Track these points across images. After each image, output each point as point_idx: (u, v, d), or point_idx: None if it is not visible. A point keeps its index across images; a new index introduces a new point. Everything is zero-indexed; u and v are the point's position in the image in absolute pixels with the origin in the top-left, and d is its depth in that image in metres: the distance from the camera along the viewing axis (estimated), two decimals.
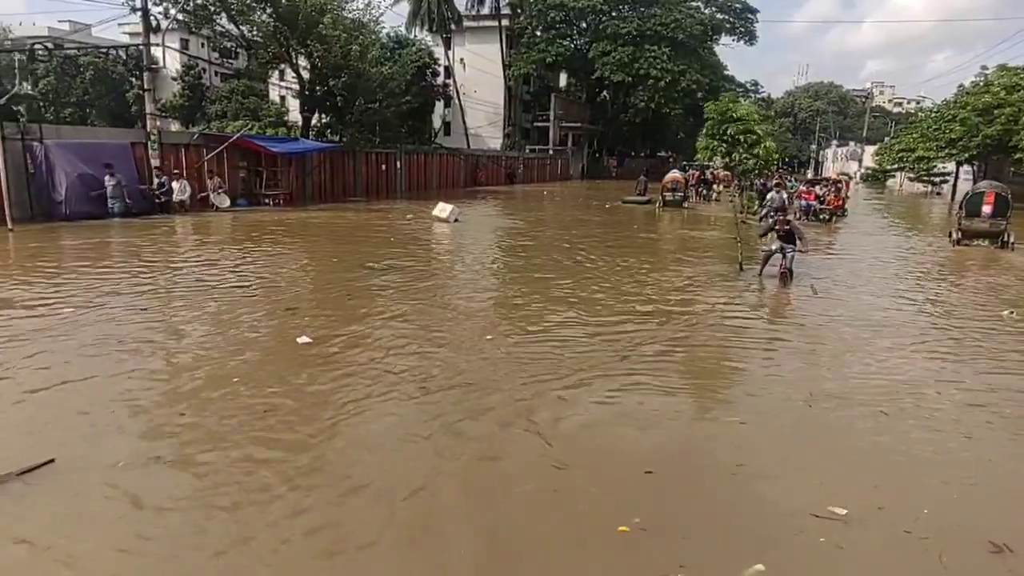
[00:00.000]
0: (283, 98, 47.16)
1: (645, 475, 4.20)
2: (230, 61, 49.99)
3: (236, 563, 3.23)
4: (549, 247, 14.32)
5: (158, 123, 19.63)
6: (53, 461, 4.01)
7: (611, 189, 37.11)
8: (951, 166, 37.13)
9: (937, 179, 41.71)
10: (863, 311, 8.96)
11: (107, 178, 16.40)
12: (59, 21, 57.65)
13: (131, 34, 45.77)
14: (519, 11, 50.17)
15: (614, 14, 47.79)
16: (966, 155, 30.64)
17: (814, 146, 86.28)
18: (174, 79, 51.06)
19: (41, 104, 49.10)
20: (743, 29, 52.90)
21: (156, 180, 17.99)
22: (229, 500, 3.73)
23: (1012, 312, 8.92)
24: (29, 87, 48.06)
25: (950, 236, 16.61)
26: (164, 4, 20.62)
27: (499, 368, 6.12)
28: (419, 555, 3.35)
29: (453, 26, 49.39)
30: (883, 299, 9.83)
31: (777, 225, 10.34)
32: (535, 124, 55.20)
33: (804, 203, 21.45)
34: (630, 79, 46.48)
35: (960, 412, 5.45)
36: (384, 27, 34.99)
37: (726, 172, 31.94)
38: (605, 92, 55.61)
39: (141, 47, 19.98)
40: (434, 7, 46.32)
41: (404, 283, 9.86)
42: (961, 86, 34.95)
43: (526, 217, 21.63)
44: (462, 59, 50.95)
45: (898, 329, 8.06)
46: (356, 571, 3.25)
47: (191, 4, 22.10)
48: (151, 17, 19.41)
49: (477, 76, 49.74)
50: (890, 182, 53.10)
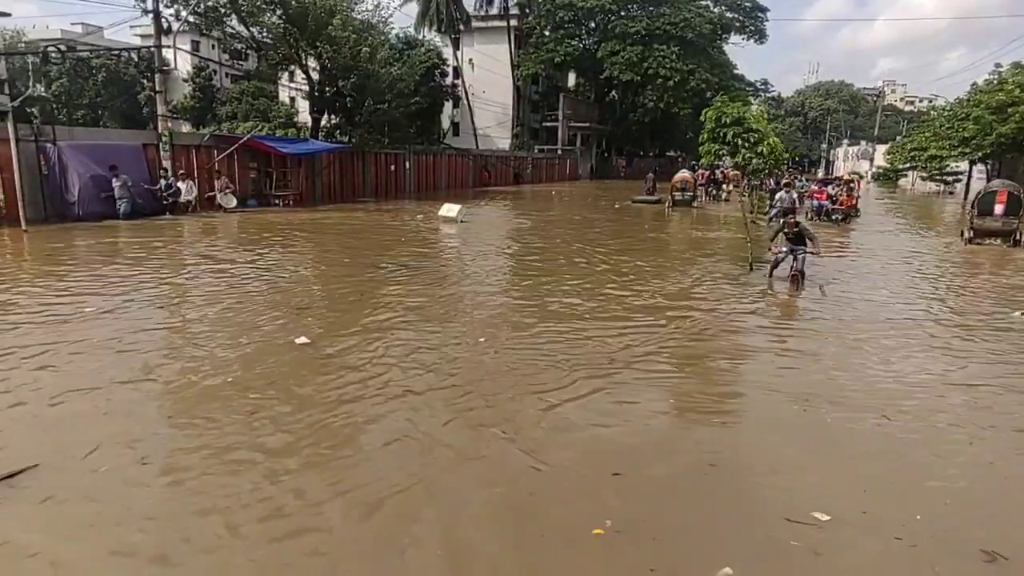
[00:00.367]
0: (293, 99, 47.39)
1: (627, 476, 4.18)
2: (240, 63, 50.26)
3: (220, 562, 3.24)
4: (556, 248, 14.30)
5: (169, 124, 19.77)
6: (37, 466, 3.99)
7: (620, 189, 37.05)
8: (964, 165, 36.74)
9: (950, 178, 41.30)
10: (870, 312, 8.85)
11: (113, 179, 16.53)
12: (72, 24, 58.26)
13: (143, 36, 46.17)
14: (527, 11, 50.17)
15: (623, 13, 47.68)
16: (979, 154, 30.31)
17: (824, 145, 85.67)
18: (185, 81, 51.45)
19: (54, 106, 49.69)
20: (753, 28, 52.63)
21: (163, 181, 18.11)
22: (211, 503, 3.72)
23: (1022, 314, 8.78)
24: (42, 89, 48.73)
25: (962, 235, 16.64)
26: (175, 6, 20.82)
27: (491, 370, 6.06)
28: (392, 558, 3.31)
29: (462, 26, 49.43)
30: (892, 300, 9.71)
31: (786, 227, 10.14)
32: (544, 124, 55.16)
33: (816, 203, 21.12)
34: (639, 78, 46.36)
35: (964, 416, 5.33)
36: (393, 28, 35.17)
37: (736, 171, 31.84)
38: (614, 92, 55.48)
39: (153, 49, 20.15)
40: (443, 8, 46.40)
41: (413, 283, 9.89)
42: (975, 84, 34.53)
43: (535, 217, 21.61)
44: (471, 59, 50.99)
45: (905, 330, 7.93)
46: (335, 572, 3.24)
47: (202, 6, 22.26)
48: (162, 19, 19.59)
49: (486, 76, 49.78)
50: (902, 181, 52.63)
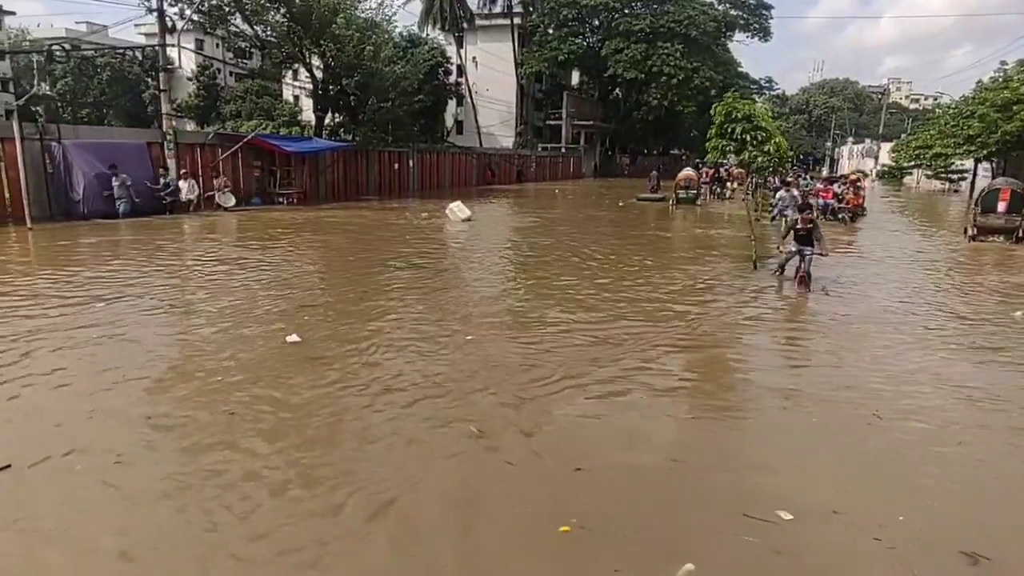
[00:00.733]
0: (297, 97, 47.48)
1: (602, 472, 4.19)
2: (244, 61, 50.41)
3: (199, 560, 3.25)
4: (560, 246, 14.29)
5: (174, 123, 19.82)
6: (8, 467, 3.97)
7: (623, 187, 37.00)
8: (969, 163, 36.57)
9: (955, 176, 41.11)
10: (869, 310, 8.80)
11: (113, 178, 16.43)
12: (76, 22, 58.49)
13: (147, 35, 46.32)
14: (531, 9, 50.13)
15: (627, 11, 47.57)
16: (984, 152, 30.14)
17: (829, 143, 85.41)
18: (189, 79, 51.60)
19: (59, 104, 49.90)
20: (757, 25, 52.45)
21: (162, 180, 17.98)
22: (189, 499, 3.71)
23: (1023, 314, 8.69)
24: (47, 88, 48.91)
25: (965, 232, 16.78)
26: (179, 5, 20.88)
27: (482, 369, 6.03)
28: (359, 558, 3.30)
29: (465, 25, 49.45)
30: (893, 298, 9.63)
31: (799, 223, 9.90)
32: (547, 122, 55.14)
33: (822, 202, 20.77)
34: (643, 76, 46.25)
35: (958, 416, 5.27)
36: (397, 26, 35.19)
37: (740, 169, 31.77)
38: (618, 90, 55.42)
39: (157, 48, 20.19)
40: (446, 6, 46.41)
41: (417, 282, 9.91)
42: (980, 82, 34.35)
43: (539, 216, 21.61)
44: (474, 57, 51.02)
45: (903, 329, 7.86)
46: (312, 567, 3.24)
47: (206, 5, 22.30)
48: (167, 18, 19.62)
49: (489, 74, 49.78)
50: (907, 179, 52.44)
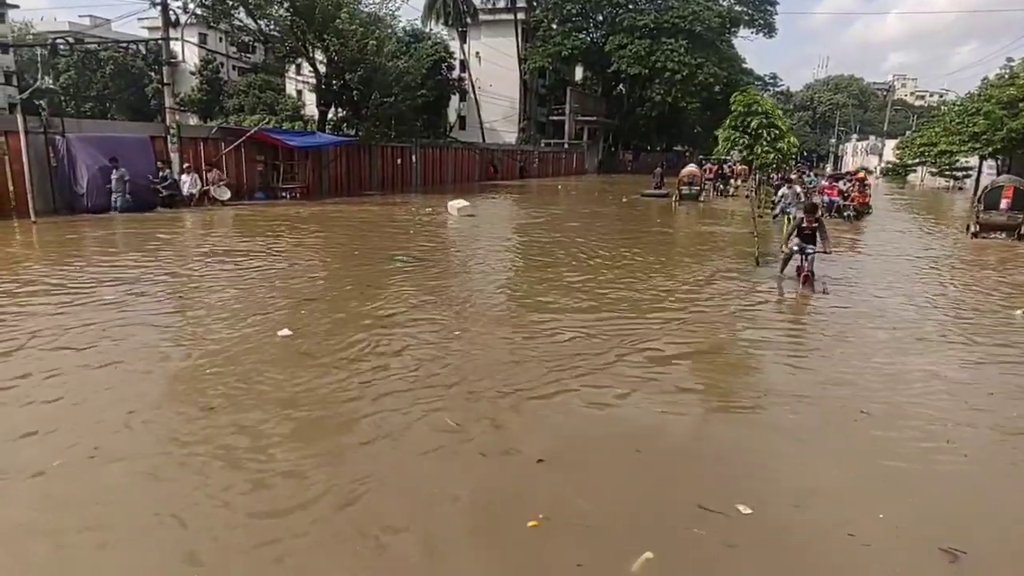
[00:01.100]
0: (300, 92, 47.41)
1: (581, 464, 4.19)
2: (247, 55, 50.35)
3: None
4: (562, 242, 14.27)
5: (177, 117, 19.81)
6: None
7: (626, 183, 36.95)
8: (974, 161, 36.41)
9: (959, 174, 40.95)
10: (869, 308, 8.72)
11: (112, 171, 16.30)
12: (80, 16, 58.65)
13: (150, 29, 46.32)
14: (535, 4, 50.03)
15: (631, 6, 47.45)
16: (989, 149, 30.00)
17: (833, 140, 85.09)
18: (192, 73, 51.64)
19: (62, 98, 49.97)
20: (762, 21, 52.24)
21: (160, 174, 17.78)
22: (166, 494, 3.70)
23: (1023, 313, 8.62)
24: (51, 81, 48.94)
25: (967, 229, 16.92)
26: None
27: (468, 365, 5.97)
28: (325, 554, 3.27)
29: (469, 20, 49.35)
30: (893, 296, 9.55)
31: (804, 222, 9.71)
32: (550, 118, 55.08)
33: (827, 199, 20.56)
34: (647, 72, 46.15)
35: (948, 414, 5.20)
36: (400, 21, 35.11)
37: (743, 166, 31.70)
38: (621, 86, 55.30)
39: (160, 41, 20.18)
40: (450, 1, 46.31)
41: (420, 277, 9.92)
42: (985, 79, 34.18)
43: (542, 212, 21.59)
44: (477, 53, 50.92)
45: (899, 327, 7.78)
46: (284, 559, 3.24)
47: None
48: (170, 12, 19.61)
49: (492, 70, 49.70)
50: (911, 177, 52.21)
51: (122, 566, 3.17)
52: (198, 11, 22.83)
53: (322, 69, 25.60)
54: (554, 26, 48.80)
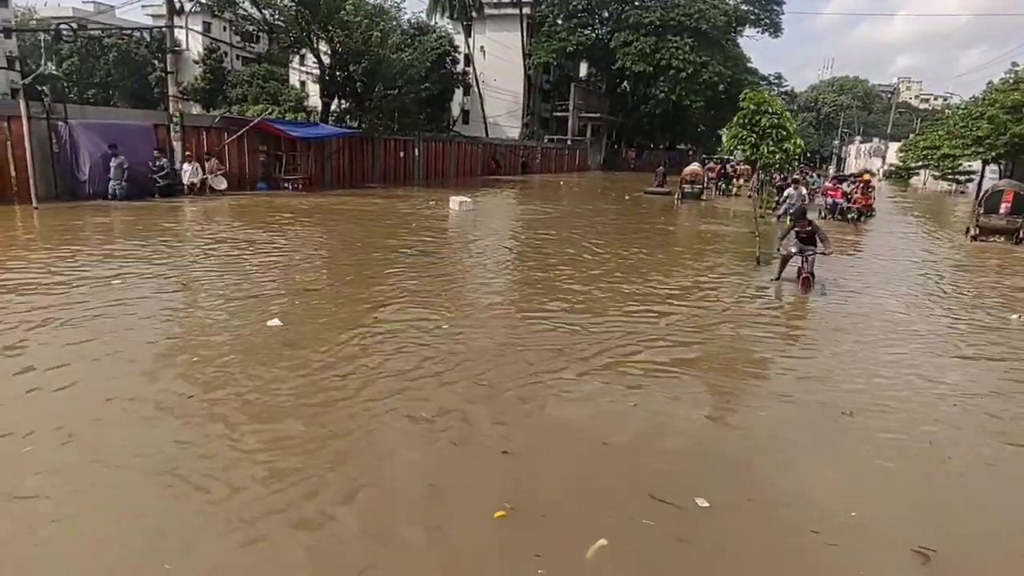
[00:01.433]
0: (303, 83, 47.31)
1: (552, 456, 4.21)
2: (252, 45, 50.24)
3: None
4: (564, 238, 14.27)
5: (180, 105, 19.77)
6: None
7: (629, 181, 36.93)
8: (977, 165, 36.37)
9: (962, 178, 40.93)
10: (864, 309, 8.68)
11: (112, 159, 16.13)
12: (84, 2, 58.32)
13: (154, 16, 46.15)
14: None
15: (637, 3, 47.31)
16: (993, 153, 29.97)
17: (837, 142, 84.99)
18: (196, 62, 51.47)
19: (65, 84, 49.85)
20: (768, 21, 52.10)
21: (156, 162, 17.47)
22: (143, 488, 3.68)
23: (1021, 316, 8.61)
24: (53, 67, 48.78)
25: (967, 232, 17.14)
26: None
27: (450, 358, 5.93)
28: (290, 548, 3.24)
29: (474, 13, 49.20)
30: (889, 298, 9.53)
31: (798, 226, 9.67)
32: (554, 114, 55.00)
33: (830, 201, 20.58)
34: (651, 70, 45.99)
35: (934, 415, 5.17)
36: (405, 13, 35.06)
37: (746, 166, 31.66)
38: (625, 83, 55.13)
39: (164, 29, 20.12)
40: None
41: (421, 270, 9.92)
42: (990, 83, 34.09)
43: (544, 208, 21.59)
44: (482, 47, 50.78)
45: (897, 328, 7.77)
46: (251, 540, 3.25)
47: None
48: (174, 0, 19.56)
49: (497, 64, 49.58)
50: (913, 180, 52.17)
51: None
52: None
53: (326, 60, 25.55)
54: (559, 21, 48.65)
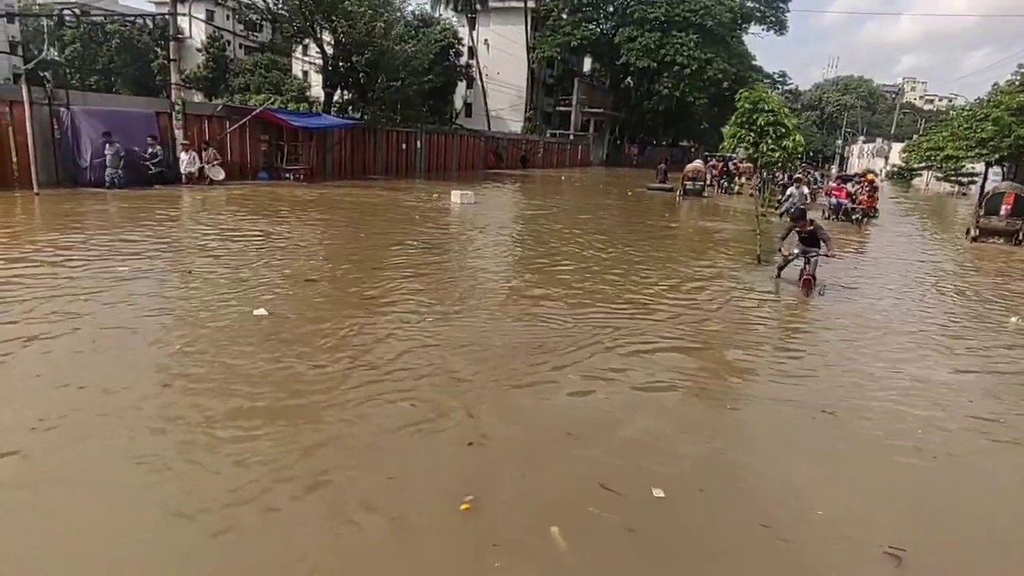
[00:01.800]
0: (306, 73, 47.24)
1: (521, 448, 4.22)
2: (255, 34, 50.05)
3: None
4: (565, 233, 14.25)
5: (182, 93, 19.70)
6: None
7: (631, 177, 36.89)
8: (980, 167, 36.30)
9: (965, 180, 40.85)
10: (860, 310, 8.63)
11: (106, 146, 15.88)
12: None
13: (157, 3, 46.05)
14: None
15: None
16: (996, 156, 29.92)
17: (840, 141, 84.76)
18: (199, 50, 51.31)
19: (67, 71, 49.61)
20: (773, 18, 51.86)
21: (149, 150, 17.16)
22: (119, 481, 3.66)
23: (1019, 319, 8.54)
24: (56, 53, 48.53)
25: (967, 233, 17.31)
26: None
27: (432, 351, 5.89)
28: (250, 538, 3.23)
29: (478, 6, 49.05)
30: (887, 299, 9.46)
31: (798, 226, 9.45)
32: (557, 108, 54.87)
33: (835, 201, 20.35)
34: (655, 65, 45.85)
35: (922, 417, 5.10)
36: (409, 4, 34.91)
37: (748, 164, 31.60)
38: (629, 78, 55.02)
39: (167, 17, 20.03)
40: None
41: (422, 264, 9.92)
42: (996, 85, 34.00)
43: (545, 202, 21.57)
44: (486, 40, 50.63)
45: (892, 329, 7.73)
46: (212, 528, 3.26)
47: None
48: None
49: (501, 58, 49.43)
50: (916, 181, 52.08)
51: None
52: None
53: (329, 50, 25.47)
54: (564, 15, 48.45)
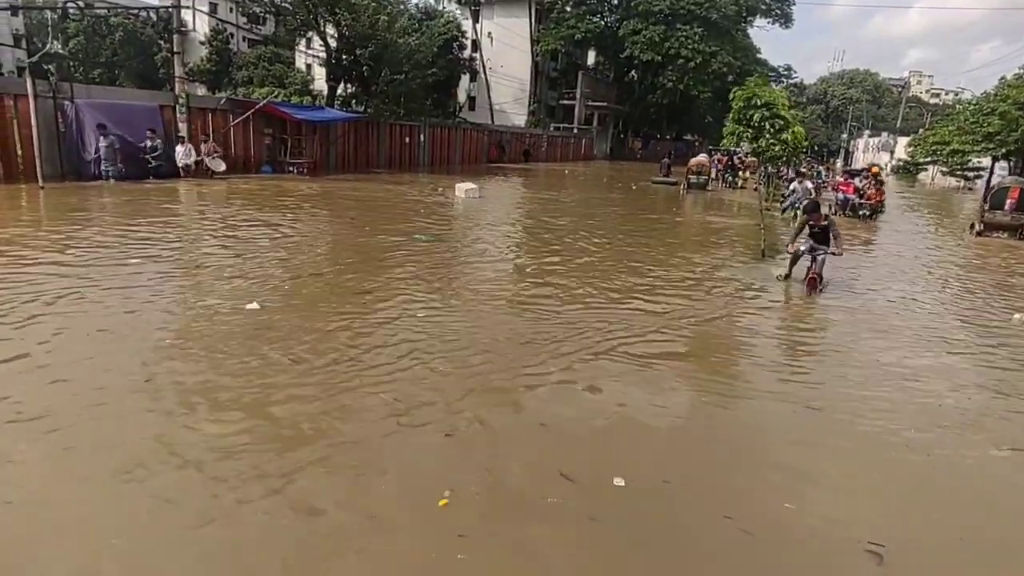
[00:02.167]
0: (309, 66, 47.10)
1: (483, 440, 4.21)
2: (258, 27, 50.01)
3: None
4: (568, 227, 14.23)
5: (186, 87, 19.68)
6: None
7: (635, 170, 36.80)
8: (986, 161, 36.08)
9: (971, 174, 40.62)
10: (860, 305, 8.57)
11: (100, 139, 15.71)
12: None
13: None
14: None
15: None
16: (1003, 150, 29.72)
17: (845, 135, 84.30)
18: (202, 43, 51.28)
19: (71, 64, 49.59)
20: (779, 11, 51.61)
21: (148, 143, 17.01)
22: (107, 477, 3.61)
23: (1022, 316, 8.44)
24: (60, 46, 48.58)
25: (972, 227, 17.37)
26: None
27: (420, 344, 5.86)
28: (230, 540, 3.18)
29: None
30: (886, 294, 9.38)
31: (812, 219, 9.13)
32: (561, 102, 54.67)
33: (841, 196, 20.02)
34: (660, 59, 45.65)
35: (913, 415, 5.01)
36: None
37: (752, 158, 31.46)
38: (633, 72, 54.76)
39: (171, 9, 19.99)
40: None
41: (423, 257, 9.92)
42: (1003, 78, 33.71)
43: (550, 196, 21.55)
44: (490, 33, 50.39)
45: (892, 325, 7.67)
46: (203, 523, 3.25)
47: None
48: None
49: (504, 51, 49.22)
50: (922, 175, 51.81)
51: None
52: None
53: (332, 44, 25.41)
54: (568, 8, 48.21)
